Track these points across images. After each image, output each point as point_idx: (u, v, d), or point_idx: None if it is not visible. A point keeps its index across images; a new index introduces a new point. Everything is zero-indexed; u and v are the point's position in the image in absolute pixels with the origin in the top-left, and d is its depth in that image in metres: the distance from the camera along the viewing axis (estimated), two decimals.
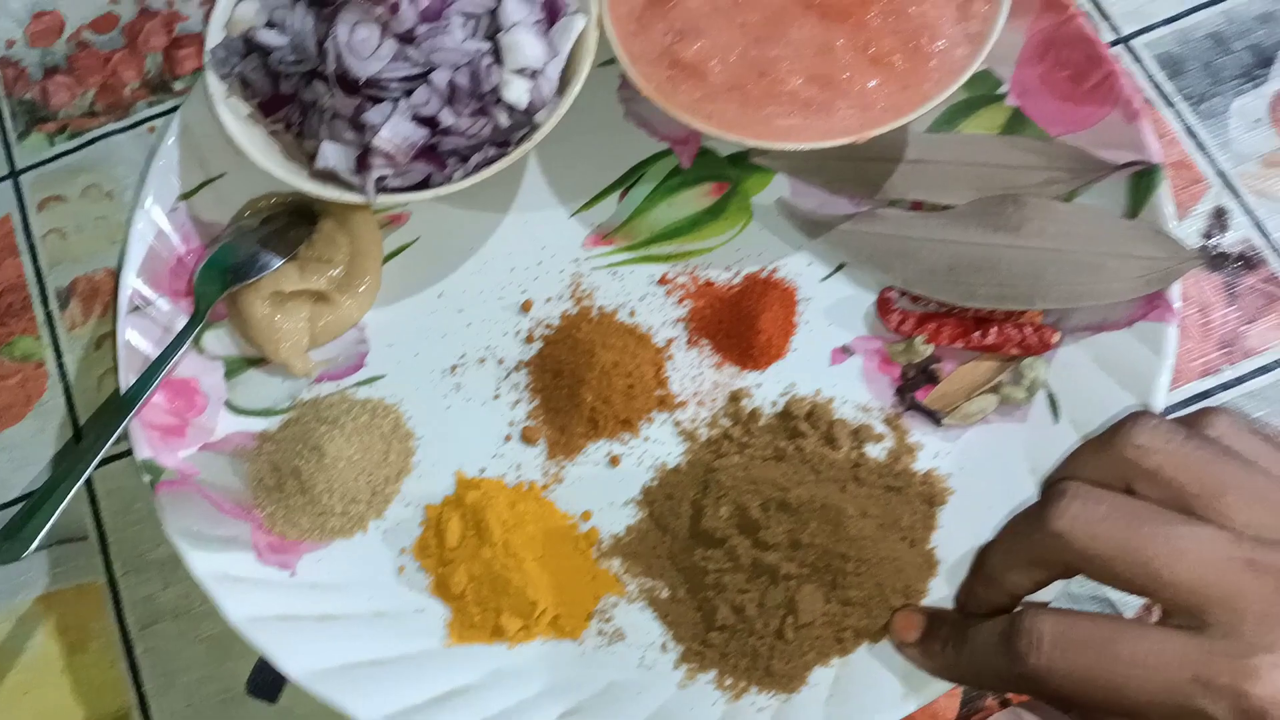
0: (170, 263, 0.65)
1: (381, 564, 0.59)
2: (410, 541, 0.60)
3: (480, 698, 0.55)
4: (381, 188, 0.60)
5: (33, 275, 0.72)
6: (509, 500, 0.59)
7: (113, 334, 0.62)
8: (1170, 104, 0.68)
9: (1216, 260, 0.64)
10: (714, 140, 0.67)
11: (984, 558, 0.45)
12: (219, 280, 0.63)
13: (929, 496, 0.57)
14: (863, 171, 0.65)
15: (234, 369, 0.64)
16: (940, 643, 0.48)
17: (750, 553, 0.55)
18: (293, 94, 0.62)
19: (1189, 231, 0.64)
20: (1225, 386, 0.61)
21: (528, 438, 0.62)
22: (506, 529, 0.57)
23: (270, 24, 0.62)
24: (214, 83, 0.63)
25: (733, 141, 0.60)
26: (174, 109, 0.72)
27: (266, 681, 0.60)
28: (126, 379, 0.61)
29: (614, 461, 0.61)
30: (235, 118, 0.62)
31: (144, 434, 0.60)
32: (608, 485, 0.60)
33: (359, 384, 0.64)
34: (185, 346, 0.62)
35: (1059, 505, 0.40)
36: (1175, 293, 0.57)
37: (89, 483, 0.66)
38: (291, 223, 0.65)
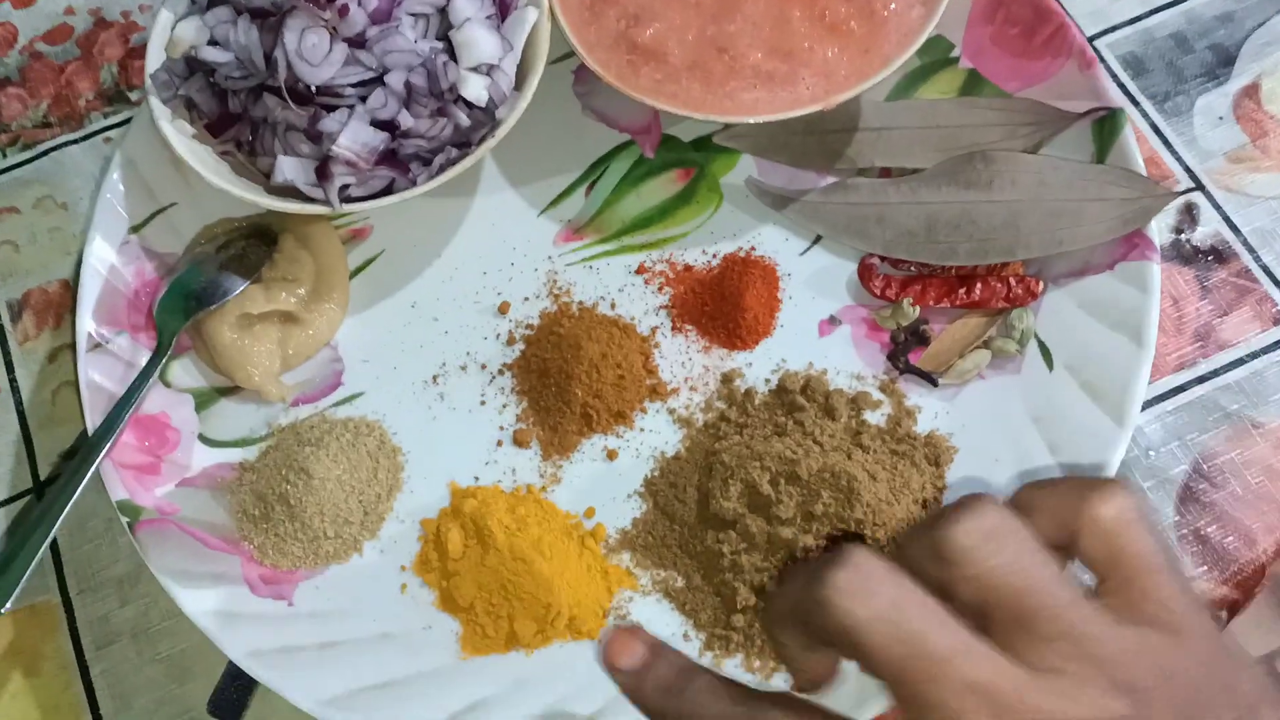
0: (126, 296, 0.62)
1: (382, 585, 0.57)
2: (409, 558, 0.57)
3: (503, 709, 0.52)
4: (345, 197, 0.59)
5: None
6: (508, 505, 0.57)
7: (74, 379, 0.60)
8: (1136, 103, 0.68)
9: (1188, 254, 0.63)
10: (676, 126, 0.67)
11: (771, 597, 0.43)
12: (181, 309, 0.61)
13: (934, 457, 0.57)
14: (826, 144, 0.65)
15: (204, 400, 0.61)
16: (659, 687, 0.42)
17: (764, 530, 0.53)
18: (241, 111, 0.60)
19: (1160, 226, 0.61)
20: (1200, 380, 0.61)
21: (519, 441, 0.60)
22: (510, 534, 0.55)
23: (212, 41, 0.60)
24: (158, 107, 0.60)
25: (700, 119, 0.59)
26: (130, 120, 0.69)
27: (228, 702, 0.57)
28: (93, 420, 0.58)
29: (611, 455, 0.59)
30: (184, 140, 0.60)
31: (117, 474, 0.57)
32: (607, 480, 0.58)
33: (338, 404, 0.61)
34: (151, 381, 0.59)
35: (835, 571, 0.36)
36: (1154, 230, 0.58)
37: (42, 499, 0.62)
38: (251, 245, 0.63)
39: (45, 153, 0.73)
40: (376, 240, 0.65)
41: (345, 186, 0.58)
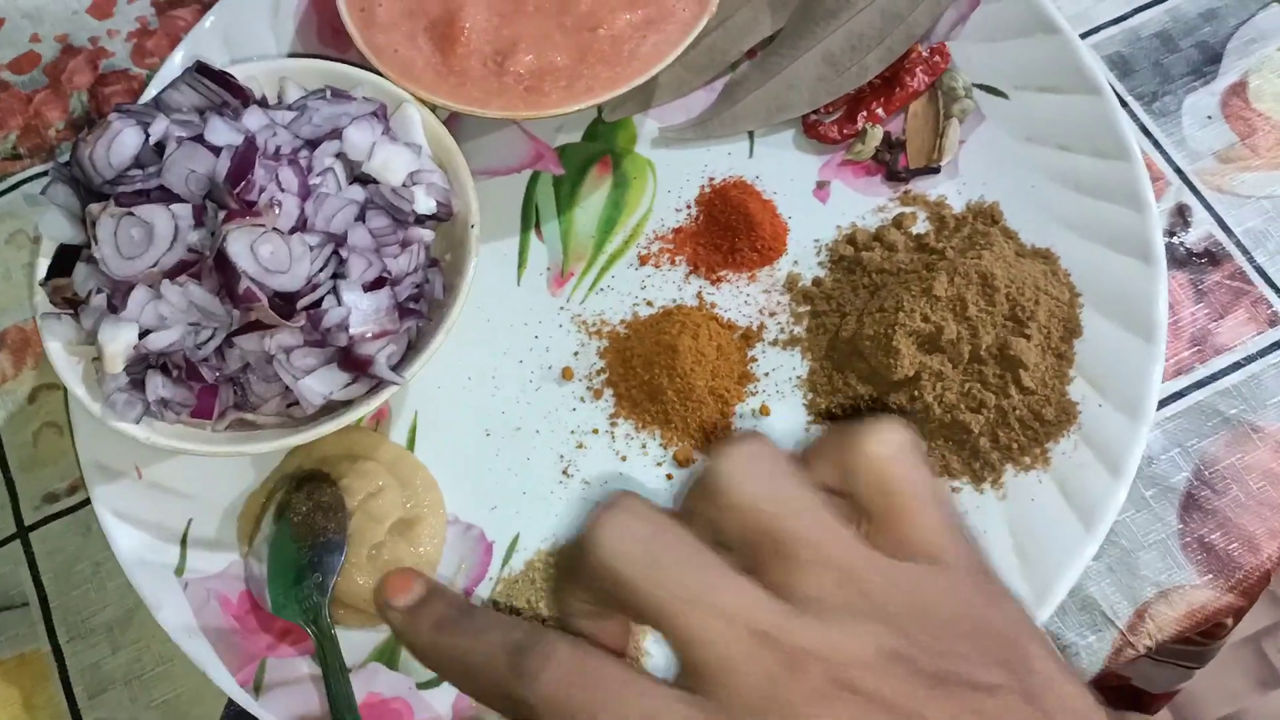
0: (236, 633, 0.54)
1: None
2: None
3: None
4: (392, 366, 0.54)
5: None
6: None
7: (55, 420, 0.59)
8: (1124, 104, 0.66)
9: (1181, 258, 0.63)
10: (558, 136, 0.66)
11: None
12: (311, 601, 0.53)
13: (991, 218, 0.62)
14: (691, 63, 0.67)
15: (389, 655, 0.55)
16: (435, 622, 0.38)
17: (944, 361, 0.56)
18: (217, 375, 0.53)
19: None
20: (1199, 385, 0.60)
21: (681, 460, 0.58)
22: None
23: (146, 331, 0.52)
24: (139, 432, 0.52)
25: (625, 96, 0.60)
26: None
27: None
28: None
29: (764, 411, 0.59)
30: (193, 444, 0.52)
31: None
32: (767, 429, 0.59)
33: (505, 560, 0.57)
34: (344, 684, 0.52)
35: (601, 515, 0.34)
36: None
37: (27, 545, 0.61)
38: (310, 492, 0.56)
39: (15, 186, 0.71)
40: (402, 410, 0.60)
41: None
